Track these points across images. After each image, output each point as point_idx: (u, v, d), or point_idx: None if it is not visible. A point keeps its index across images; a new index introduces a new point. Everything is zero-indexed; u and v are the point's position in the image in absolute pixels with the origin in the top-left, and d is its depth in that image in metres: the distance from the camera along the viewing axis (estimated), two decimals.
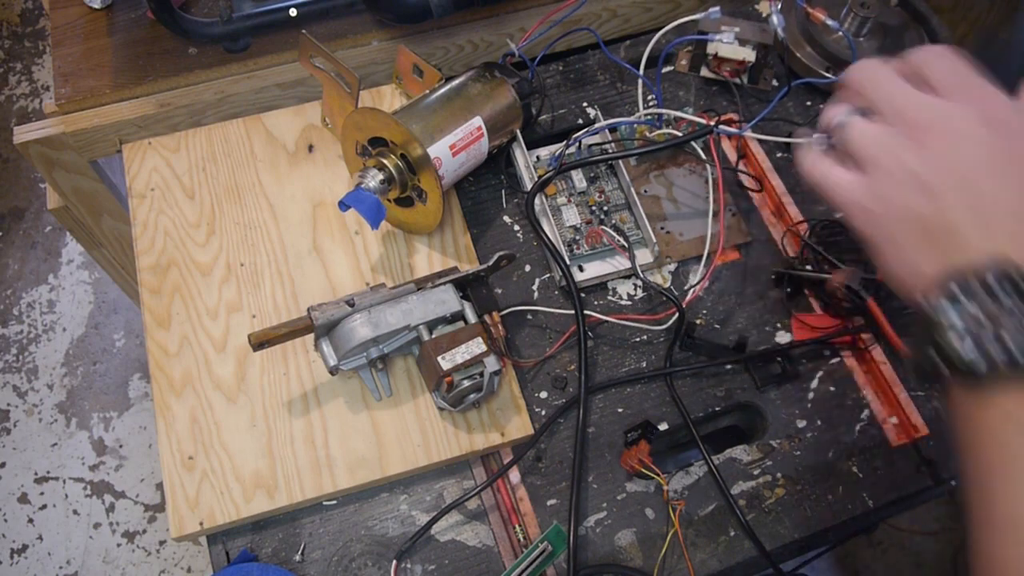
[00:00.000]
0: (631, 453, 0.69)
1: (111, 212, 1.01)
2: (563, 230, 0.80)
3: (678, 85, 0.91)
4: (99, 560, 1.46)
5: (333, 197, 0.82)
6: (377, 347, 0.69)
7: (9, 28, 2.06)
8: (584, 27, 0.96)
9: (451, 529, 0.69)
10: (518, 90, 0.80)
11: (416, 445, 0.70)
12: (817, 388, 0.75)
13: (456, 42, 0.94)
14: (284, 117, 0.87)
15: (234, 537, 0.68)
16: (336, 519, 0.69)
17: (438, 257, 0.79)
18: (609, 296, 0.79)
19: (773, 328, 0.78)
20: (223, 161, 0.84)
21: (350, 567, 0.67)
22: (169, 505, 0.67)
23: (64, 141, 0.88)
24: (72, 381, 1.62)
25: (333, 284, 0.77)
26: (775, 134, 0.87)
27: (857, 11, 0.87)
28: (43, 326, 1.68)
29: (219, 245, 0.79)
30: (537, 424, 0.72)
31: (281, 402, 0.71)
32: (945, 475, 0.72)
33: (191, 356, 0.73)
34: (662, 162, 0.86)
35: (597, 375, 0.75)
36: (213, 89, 0.90)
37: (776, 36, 0.89)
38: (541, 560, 0.64)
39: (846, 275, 0.74)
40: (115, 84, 0.88)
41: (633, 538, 0.68)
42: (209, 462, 0.69)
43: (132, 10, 0.94)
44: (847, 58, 0.86)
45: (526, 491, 0.70)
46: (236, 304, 0.76)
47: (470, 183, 0.85)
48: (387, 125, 0.72)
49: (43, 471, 1.54)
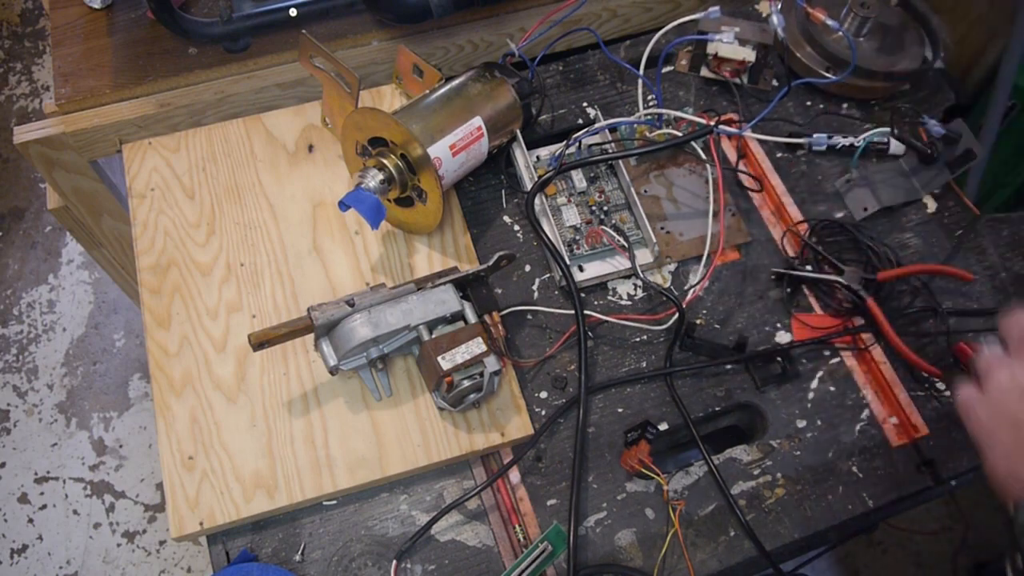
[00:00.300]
0: (631, 453, 0.69)
1: (111, 212, 1.01)
2: (563, 230, 0.80)
3: (678, 85, 0.91)
4: (99, 560, 1.46)
5: (333, 197, 0.82)
6: (377, 347, 0.69)
7: (9, 28, 2.06)
8: (584, 27, 0.96)
9: (451, 529, 0.69)
10: (518, 90, 0.80)
11: (416, 445, 0.70)
12: (817, 388, 0.75)
13: (456, 42, 0.94)
14: (284, 117, 0.87)
15: (234, 537, 0.68)
16: (336, 519, 0.69)
17: (438, 257, 0.79)
18: (609, 296, 0.79)
19: (773, 328, 0.78)
20: (223, 161, 0.84)
21: (350, 567, 0.67)
22: (169, 505, 0.67)
23: (64, 141, 0.88)
24: (72, 381, 1.62)
25: (333, 284, 0.77)
26: (775, 134, 0.87)
27: (857, 11, 0.87)
28: (43, 326, 1.68)
29: (219, 245, 0.79)
30: (537, 424, 0.72)
31: (281, 402, 0.71)
32: (945, 475, 0.72)
33: (191, 356, 0.73)
34: (662, 162, 0.86)
35: (597, 375, 0.75)
36: (213, 89, 0.90)
37: (776, 36, 0.89)
38: (541, 560, 0.64)
39: (848, 276, 0.74)
40: (115, 84, 0.88)
41: (633, 538, 0.68)
42: (209, 462, 0.69)
43: (132, 10, 0.94)
44: (847, 58, 0.86)
45: (526, 491, 0.70)
46: (236, 304, 0.76)
47: (470, 183, 0.85)
48: (387, 125, 0.72)
49: (43, 471, 1.54)
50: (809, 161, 0.87)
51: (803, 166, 0.87)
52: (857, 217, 0.83)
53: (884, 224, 0.84)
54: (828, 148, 0.86)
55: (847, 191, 0.85)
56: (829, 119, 0.90)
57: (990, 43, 1.00)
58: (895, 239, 0.83)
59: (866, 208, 0.84)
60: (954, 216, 0.85)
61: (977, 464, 0.72)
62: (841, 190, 0.85)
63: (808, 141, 0.86)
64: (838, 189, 0.85)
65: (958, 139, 0.82)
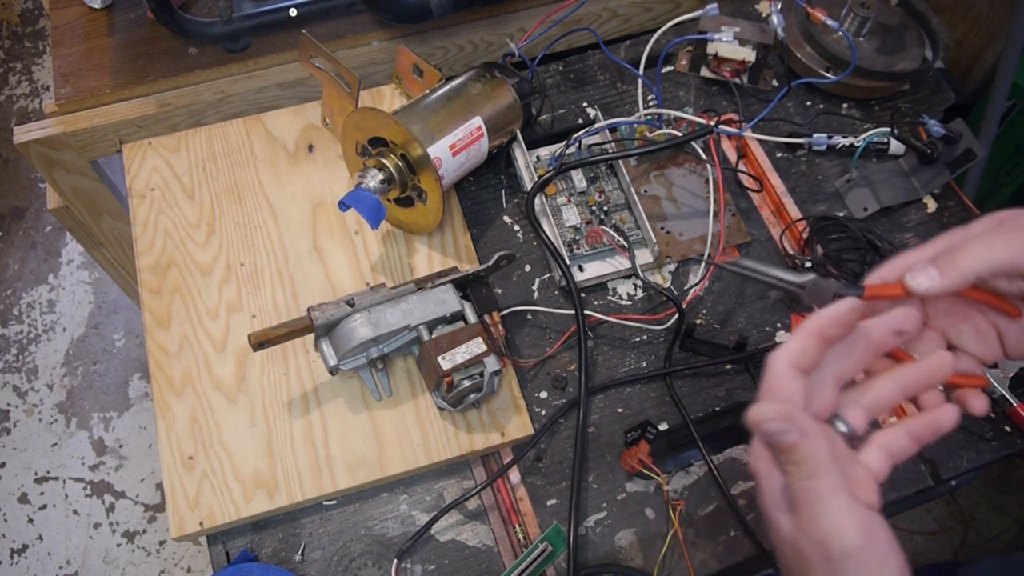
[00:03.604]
0: (631, 453, 0.69)
1: (111, 212, 1.01)
2: (563, 230, 0.80)
3: (678, 85, 0.91)
4: (99, 560, 1.46)
5: (333, 197, 0.82)
6: (377, 347, 0.69)
7: (9, 28, 2.06)
8: (584, 27, 0.96)
9: (451, 529, 0.69)
10: (518, 90, 0.80)
11: (416, 445, 0.70)
12: None
13: (456, 42, 0.94)
14: (284, 117, 0.87)
15: (234, 537, 0.68)
16: (336, 519, 0.69)
17: (438, 257, 0.79)
18: (609, 296, 0.79)
19: (773, 328, 0.78)
20: (223, 161, 0.84)
21: (350, 567, 0.67)
22: (169, 505, 0.67)
23: (64, 141, 0.88)
24: (72, 381, 1.62)
25: (333, 284, 0.77)
26: (775, 134, 0.87)
27: (857, 11, 0.87)
28: (43, 326, 1.68)
29: (219, 245, 0.79)
30: (537, 424, 0.72)
31: (281, 402, 0.71)
32: (945, 475, 0.72)
33: (191, 356, 0.73)
34: (662, 162, 0.86)
35: (597, 375, 0.75)
36: (213, 89, 0.90)
37: (776, 36, 0.89)
38: (541, 560, 0.64)
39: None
40: (115, 84, 0.88)
41: (633, 538, 0.68)
42: (209, 462, 0.69)
43: (132, 10, 0.94)
44: (847, 58, 0.86)
45: (526, 491, 0.70)
46: (236, 304, 0.76)
47: (470, 183, 0.85)
48: (387, 125, 0.72)
49: (43, 471, 1.54)
50: (809, 161, 0.87)
51: (803, 166, 0.87)
52: (857, 217, 0.83)
53: (884, 224, 0.84)
54: (828, 148, 0.86)
55: (847, 191, 0.85)
56: (829, 119, 0.90)
57: (990, 43, 1.00)
58: (895, 239, 0.83)
59: (866, 208, 0.84)
60: (954, 216, 0.85)
61: (977, 464, 0.72)
62: (841, 190, 0.85)
63: (808, 141, 0.86)
64: (838, 189, 0.85)
65: (958, 139, 0.82)
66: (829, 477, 0.41)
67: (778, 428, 0.41)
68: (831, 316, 0.43)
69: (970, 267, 0.44)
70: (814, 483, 0.41)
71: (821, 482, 0.41)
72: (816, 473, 0.41)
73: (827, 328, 0.43)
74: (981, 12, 0.99)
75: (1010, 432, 0.74)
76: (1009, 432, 0.74)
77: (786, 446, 0.41)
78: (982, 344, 0.49)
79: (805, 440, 0.41)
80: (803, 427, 0.41)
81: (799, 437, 0.41)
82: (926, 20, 0.92)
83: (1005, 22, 0.93)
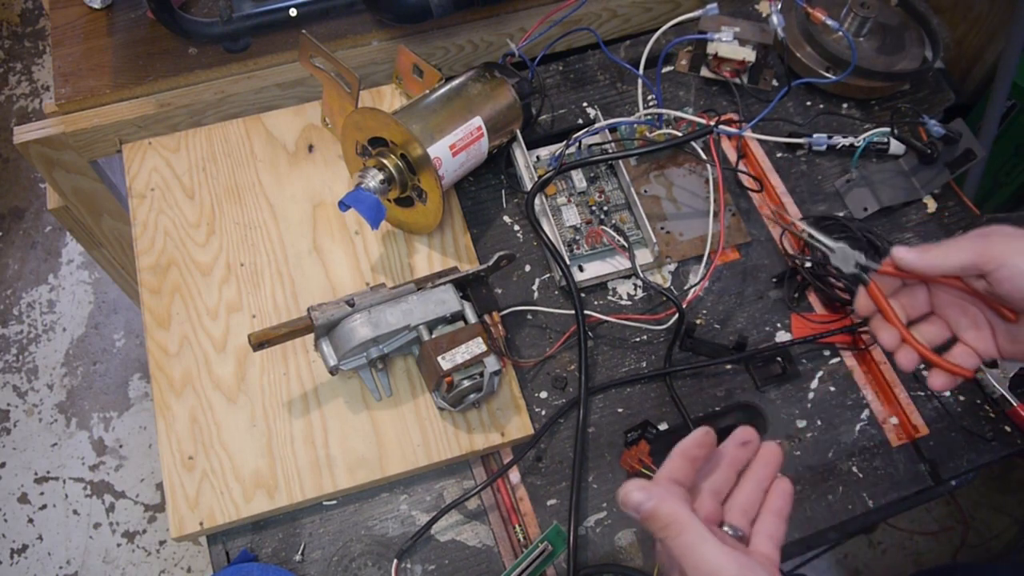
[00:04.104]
0: (631, 453, 0.69)
1: (111, 212, 1.01)
2: (563, 230, 0.80)
3: (678, 85, 0.91)
4: (99, 560, 1.46)
5: (333, 197, 0.82)
6: (377, 347, 0.69)
7: (9, 28, 2.06)
8: (584, 27, 0.96)
9: (451, 529, 0.69)
10: (518, 90, 0.80)
11: (416, 445, 0.70)
12: (817, 388, 0.75)
13: (456, 42, 0.94)
14: (284, 117, 0.87)
15: (234, 537, 0.68)
16: (336, 519, 0.69)
17: (438, 257, 0.79)
18: (609, 296, 0.79)
19: (773, 328, 0.78)
20: (223, 161, 0.84)
21: (350, 567, 0.67)
22: (169, 505, 0.67)
23: (64, 141, 0.88)
24: (72, 381, 1.62)
25: (333, 284, 0.77)
26: (775, 134, 0.87)
27: (857, 11, 0.87)
28: (43, 326, 1.68)
29: (219, 245, 0.79)
30: (537, 424, 0.72)
31: (281, 402, 0.71)
32: (945, 475, 0.72)
33: (191, 356, 0.73)
34: (662, 162, 0.86)
35: (597, 375, 0.75)
36: (213, 89, 0.90)
37: (776, 36, 0.89)
38: (541, 560, 0.64)
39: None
40: (115, 84, 0.88)
41: (633, 538, 0.68)
42: (209, 462, 0.69)
43: (132, 10, 0.94)
44: (847, 58, 0.86)
45: (526, 491, 0.70)
46: (236, 304, 0.76)
47: (470, 183, 0.85)
48: (387, 125, 0.72)
49: (43, 471, 1.54)
50: (809, 161, 0.87)
51: (803, 166, 0.87)
52: (857, 217, 0.83)
53: (884, 224, 0.84)
54: (828, 148, 0.86)
55: (847, 191, 0.85)
56: (829, 119, 0.90)
57: (990, 43, 1.00)
58: (895, 239, 0.83)
59: (866, 208, 0.84)
60: (954, 216, 0.85)
61: (977, 464, 0.72)
62: (841, 190, 0.85)
63: (808, 141, 0.86)
64: (838, 189, 0.85)
65: (958, 139, 0.82)
66: (695, 528, 0.47)
67: (637, 499, 0.48)
68: (690, 440, 0.52)
69: (936, 257, 0.54)
70: (684, 537, 0.47)
71: (690, 535, 0.47)
72: (683, 529, 0.47)
73: (689, 449, 0.52)
74: (981, 12, 0.99)
75: (1010, 432, 0.74)
76: (1009, 432, 0.74)
77: (648, 513, 0.48)
78: (978, 338, 0.57)
79: (662, 503, 0.48)
80: (658, 494, 0.48)
81: (657, 502, 0.48)
82: (926, 20, 0.92)
83: (1005, 22, 0.93)
